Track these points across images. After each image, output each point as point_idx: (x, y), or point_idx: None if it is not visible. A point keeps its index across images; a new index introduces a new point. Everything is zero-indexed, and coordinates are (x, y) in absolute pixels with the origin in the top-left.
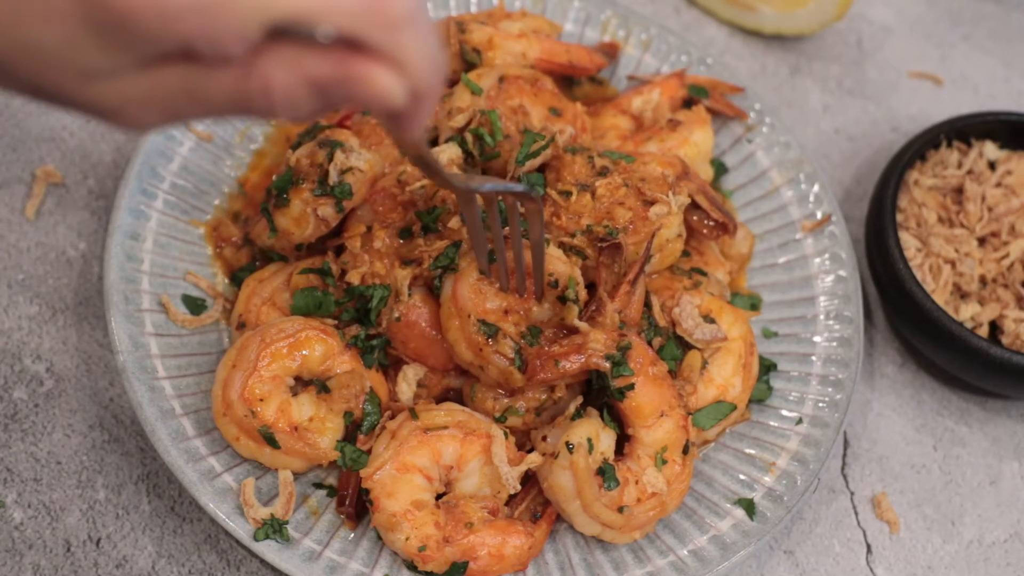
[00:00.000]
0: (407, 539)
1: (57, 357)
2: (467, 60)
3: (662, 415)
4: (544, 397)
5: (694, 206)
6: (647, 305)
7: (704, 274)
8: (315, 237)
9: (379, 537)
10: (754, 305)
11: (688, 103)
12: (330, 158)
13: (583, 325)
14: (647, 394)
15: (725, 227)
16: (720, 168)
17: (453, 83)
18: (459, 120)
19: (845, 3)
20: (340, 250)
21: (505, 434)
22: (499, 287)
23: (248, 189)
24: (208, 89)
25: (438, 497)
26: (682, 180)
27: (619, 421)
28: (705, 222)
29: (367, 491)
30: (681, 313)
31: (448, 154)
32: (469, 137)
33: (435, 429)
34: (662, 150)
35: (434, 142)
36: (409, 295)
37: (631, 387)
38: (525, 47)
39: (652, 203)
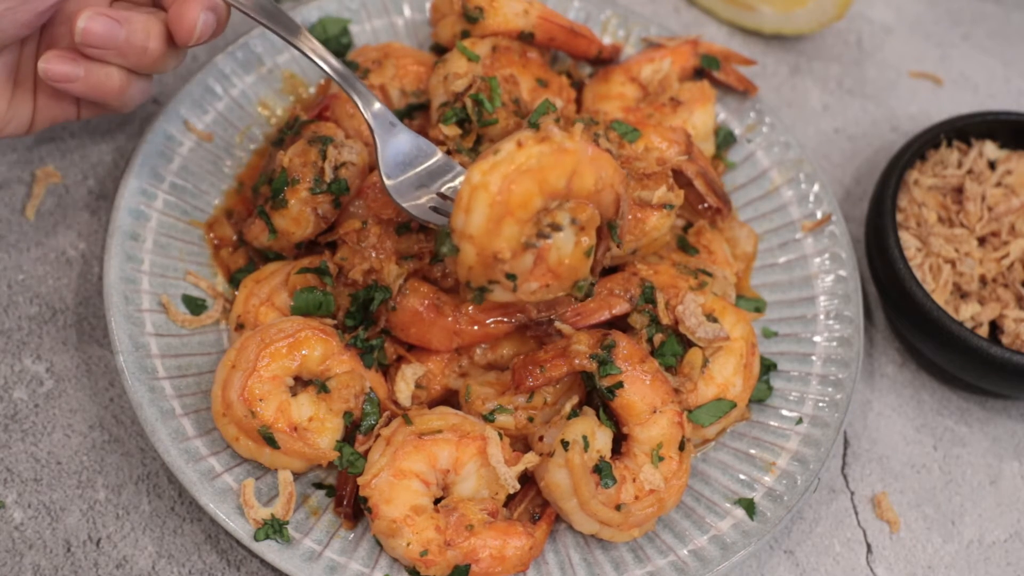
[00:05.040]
0: (408, 544)
1: (57, 357)
2: (468, 17)
3: (655, 412)
4: (536, 405)
5: (692, 186)
6: (650, 300)
7: (709, 275)
8: (315, 234)
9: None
10: (758, 308)
11: (700, 72)
12: (323, 155)
13: (566, 328)
14: (638, 391)
15: (719, 211)
16: (728, 137)
17: (444, 50)
18: (459, 84)
19: (845, 3)
20: (333, 246)
21: (500, 435)
22: None
23: (247, 185)
24: None
25: (436, 502)
26: (684, 163)
27: (616, 420)
28: (700, 206)
29: (365, 499)
30: (685, 311)
31: (446, 132)
32: (468, 103)
33: (429, 434)
34: None
35: (425, 107)
36: (403, 283)
37: (620, 385)
38: (527, 6)
39: (648, 203)
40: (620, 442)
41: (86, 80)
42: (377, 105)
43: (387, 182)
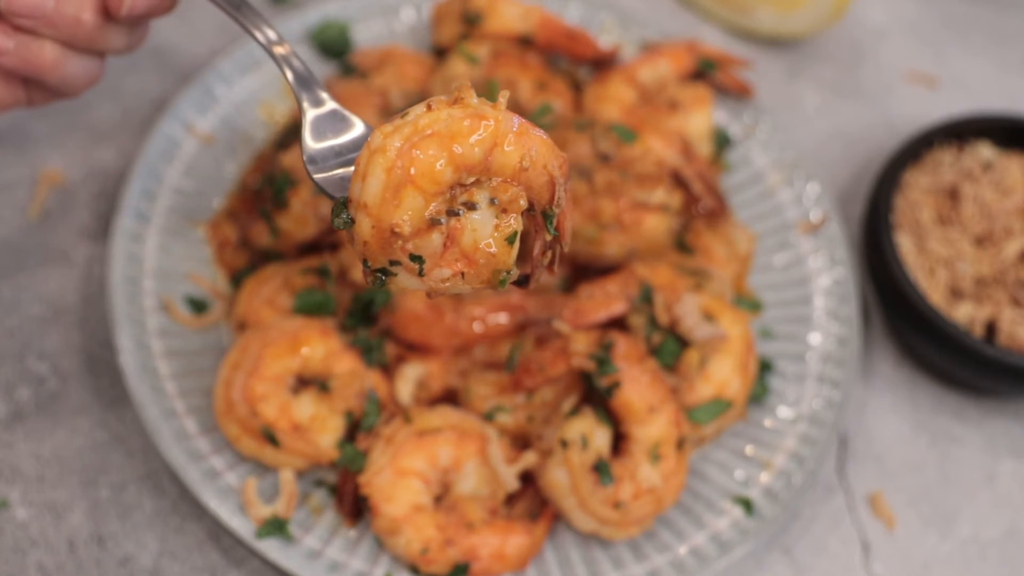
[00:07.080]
0: (409, 542)
1: (60, 357)
2: (468, 20)
3: (654, 411)
4: (536, 405)
5: (689, 187)
6: (648, 300)
7: (707, 275)
8: (317, 235)
9: None
10: (755, 308)
11: (698, 75)
12: None
13: (563, 326)
14: (636, 390)
15: (716, 212)
16: (725, 139)
17: (442, 51)
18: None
19: (841, 6)
20: (334, 247)
21: (499, 434)
22: None
23: (250, 186)
24: None
25: (436, 501)
26: (681, 165)
27: (615, 419)
28: (697, 207)
29: (366, 498)
30: (683, 311)
31: None
32: None
33: (430, 432)
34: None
35: None
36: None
37: (618, 384)
38: (526, 12)
39: (642, 206)
40: (619, 441)
41: (17, 53)
42: (299, 64)
43: (308, 149)
